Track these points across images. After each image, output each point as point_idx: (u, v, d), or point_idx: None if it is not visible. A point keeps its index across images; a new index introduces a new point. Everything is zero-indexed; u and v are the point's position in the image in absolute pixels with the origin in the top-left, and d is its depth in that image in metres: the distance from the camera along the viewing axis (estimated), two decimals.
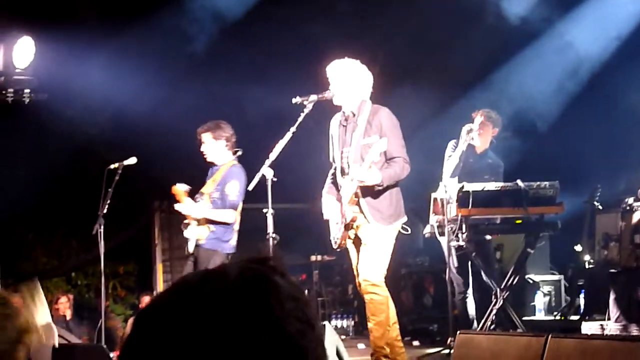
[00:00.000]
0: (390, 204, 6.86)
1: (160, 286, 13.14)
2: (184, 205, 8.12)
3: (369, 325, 6.88)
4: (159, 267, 13.23)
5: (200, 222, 8.13)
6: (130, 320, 12.39)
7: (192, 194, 8.25)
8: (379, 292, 6.78)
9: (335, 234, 7.01)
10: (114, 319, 12.49)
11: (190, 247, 8.18)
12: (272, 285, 1.22)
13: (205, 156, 8.29)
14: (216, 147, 8.22)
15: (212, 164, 8.34)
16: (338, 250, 7.17)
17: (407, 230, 7.01)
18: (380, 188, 6.77)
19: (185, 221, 8.22)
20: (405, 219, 6.97)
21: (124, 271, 14.12)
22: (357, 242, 6.94)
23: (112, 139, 12.31)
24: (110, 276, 11.84)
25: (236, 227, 8.20)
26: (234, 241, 8.17)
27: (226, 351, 1.14)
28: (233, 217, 8.06)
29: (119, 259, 13.44)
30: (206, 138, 8.22)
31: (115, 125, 12.38)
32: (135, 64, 11.76)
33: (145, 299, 12.54)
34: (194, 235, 8.15)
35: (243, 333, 1.15)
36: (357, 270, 6.97)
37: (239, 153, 8.32)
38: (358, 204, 6.83)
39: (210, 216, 8.09)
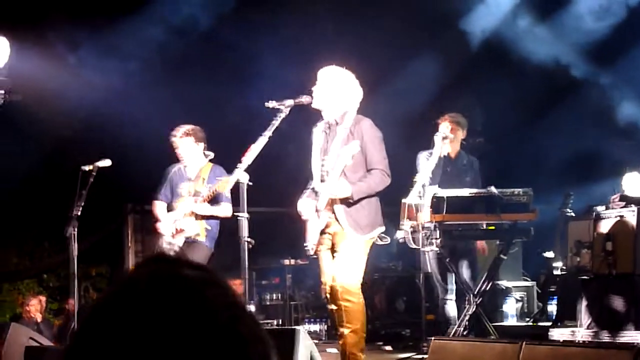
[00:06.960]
0: (368, 214, 6.80)
1: None
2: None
3: (345, 332, 6.76)
4: (132, 269, 13.15)
5: (197, 217, 8.25)
6: None
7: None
8: (355, 299, 6.72)
9: (312, 239, 6.97)
10: None
11: (180, 241, 8.23)
12: (185, 280, 1.15)
13: (181, 158, 8.45)
14: (196, 149, 8.44)
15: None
16: (314, 257, 7.11)
17: (387, 240, 7.01)
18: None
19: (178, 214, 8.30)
20: (382, 228, 6.90)
21: (95, 273, 14.06)
22: (332, 249, 6.89)
23: (85, 141, 12.25)
24: (82, 278, 11.73)
25: None
26: None
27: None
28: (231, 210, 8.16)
29: (91, 261, 13.35)
30: (187, 141, 8.40)
31: (88, 127, 12.32)
32: (110, 66, 11.72)
33: None
34: (191, 229, 8.20)
35: (175, 337, 1.08)
36: (325, 277, 6.92)
37: (212, 156, 8.52)
38: (333, 210, 6.80)
39: (214, 212, 8.23)
